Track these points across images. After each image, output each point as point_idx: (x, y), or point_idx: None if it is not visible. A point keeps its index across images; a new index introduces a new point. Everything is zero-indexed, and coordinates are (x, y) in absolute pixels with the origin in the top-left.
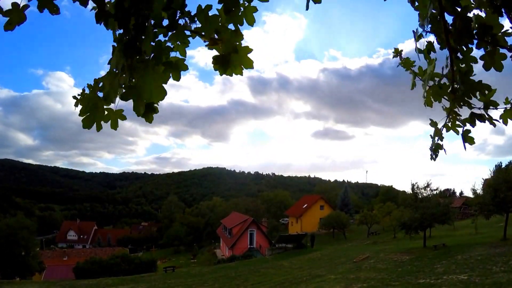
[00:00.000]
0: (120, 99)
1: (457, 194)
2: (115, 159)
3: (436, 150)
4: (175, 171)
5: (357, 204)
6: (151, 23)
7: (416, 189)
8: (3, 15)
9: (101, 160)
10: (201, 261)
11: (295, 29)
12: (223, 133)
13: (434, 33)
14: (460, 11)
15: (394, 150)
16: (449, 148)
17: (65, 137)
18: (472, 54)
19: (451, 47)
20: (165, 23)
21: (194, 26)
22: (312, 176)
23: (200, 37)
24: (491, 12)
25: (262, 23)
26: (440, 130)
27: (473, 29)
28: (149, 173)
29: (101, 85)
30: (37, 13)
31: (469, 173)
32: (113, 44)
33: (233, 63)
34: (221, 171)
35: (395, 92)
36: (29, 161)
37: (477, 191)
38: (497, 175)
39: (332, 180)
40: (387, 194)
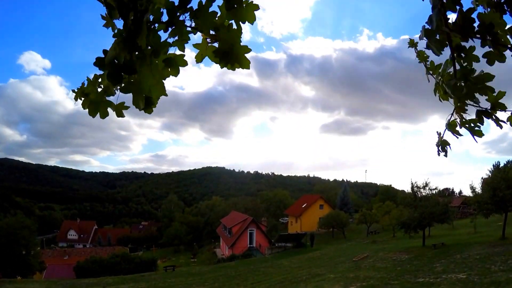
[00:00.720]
0: (120, 92)
1: (456, 193)
2: (109, 157)
3: (444, 146)
4: (172, 169)
5: (356, 203)
6: (149, 18)
7: (415, 188)
8: None
9: (95, 158)
10: (201, 260)
11: (305, 2)
12: (223, 126)
13: (437, 31)
14: (461, 9)
15: (397, 147)
16: (459, 145)
17: (53, 132)
18: (474, 52)
19: (453, 46)
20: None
21: (193, 22)
22: (311, 175)
23: (200, 33)
24: (493, 10)
25: None
26: (453, 126)
27: (474, 27)
28: (149, 173)
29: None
30: None
31: (483, 172)
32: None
33: (229, 60)
34: (221, 170)
35: (415, 80)
36: (21, 159)
37: (476, 190)
38: (495, 174)
39: (331, 179)
40: (386, 193)
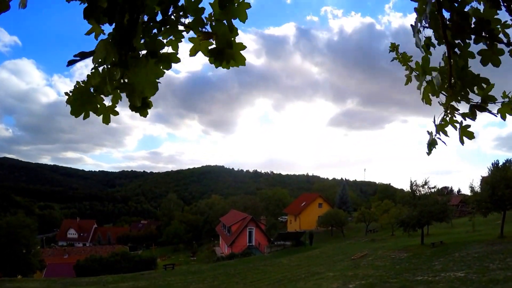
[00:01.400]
0: (119, 91)
1: (455, 191)
2: (103, 155)
3: (431, 145)
4: (169, 166)
5: (355, 202)
6: (144, 19)
7: (414, 186)
8: None
9: (88, 155)
10: (200, 258)
11: None
12: (224, 118)
13: (431, 28)
14: (457, 7)
15: (406, 143)
16: (470, 143)
17: (40, 125)
18: (469, 49)
19: (449, 42)
20: (158, 18)
21: (187, 20)
22: (310, 174)
23: (193, 31)
24: (489, 6)
25: None
26: (441, 124)
27: (470, 24)
28: (148, 171)
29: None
30: None
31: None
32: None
33: (225, 57)
34: (220, 169)
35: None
36: (10, 156)
37: (475, 189)
38: (494, 172)
39: (330, 178)
40: (385, 192)
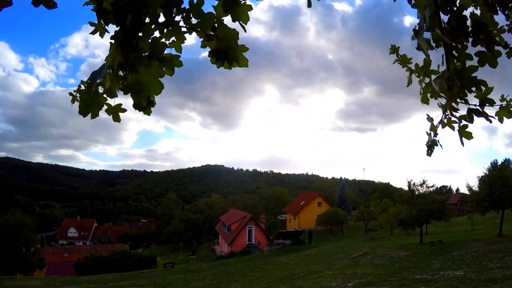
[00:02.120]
0: (124, 93)
1: (454, 191)
2: (99, 153)
3: (431, 146)
4: (166, 164)
5: (354, 201)
6: (148, 20)
7: (412, 186)
8: None
9: (83, 153)
10: (200, 257)
11: None
12: (225, 110)
13: (429, 31)
14: (455, 10)
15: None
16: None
17: (28, 119)
18: (467, 51)
19: (447, 45)
20: (159, 19)
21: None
22: (310, 173)
23: (196, 33)
24: (486, 9)
25: None
26: (435, 126)
27: (468, 27)
28: (148, 171)
29: (100, 81)
30: None
31: None
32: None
33: (228, 59)
34: (220, 168)
35: None
36: (2, 154)
37: (473, 188)
38: (492, 172)
39: (329, 177)
40: (384, 191)
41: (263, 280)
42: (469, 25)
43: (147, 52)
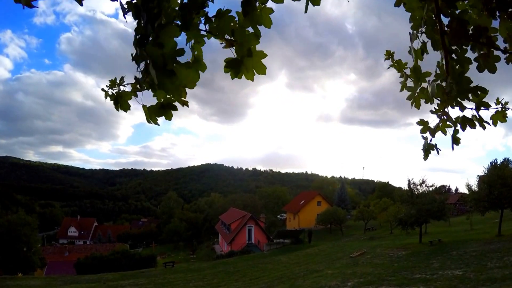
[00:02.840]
0: (152, 92)
1: (453, 190)
2: (92, 150)
3: (428, 150)
4: (165, 162)
5: (354, 200)
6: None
7: (412, 185)
8: None
9: (77, 150)
10: (200, 256)
11: None
12: (228, 101)
13: (427, 34)
14: (456, 13)
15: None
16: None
17: (9, 109)
18: (466, 55)
19: (447, 48)
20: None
21: (207, 26)
22: (309, 172)
23: (214, 37)
24: (486, 15)
25: None
26: (433, 130)
27: (469, 31)
28: (148, 170)
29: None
30: None
31: None
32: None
33: (246, 66)
34: (220, 167)
35: None
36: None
37: (472, 188)
38: (491, 172)
39: (329, 176)
40: (384, 190)
41: (262, 279)
42: (469, 29)
43: (171, 52)
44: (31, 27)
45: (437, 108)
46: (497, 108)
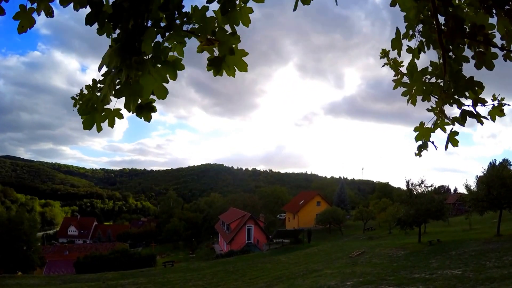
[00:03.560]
0: (114, 97)
1: (452, 190)
2: (85, 147)
3: (421, 147)
4: (163, 160)
5: (353, 200)
6: (149, 24)
7: (410, 185)
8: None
9: (71, 147)
10: (199, 256)
11: None
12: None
13: (424, 34)
14: (452, 12)
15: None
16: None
17: None
18: (464, 53)
19: (444, 47)
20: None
21: (190, 26)
22: (309, 172)
23: (195, 37)
24: (483, 12)
25: None
26: (430, 129)
27: (465, 29)
28: (148, 169)
29: (100, 86)
30: None
31: None
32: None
33: (227, 64)
34: (219, 167)
35: None
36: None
37: (471, 188)
38: (490, 172)
39: (328, 176)
40: (383, 190)
41: (262, 279)
42: (466, 27)
43: (148, 55)
44: None
45: (433, 106)
46: (493, 103)
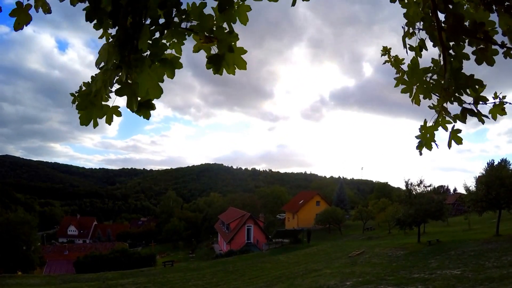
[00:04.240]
0: (115, 95)
1: (451, 190)
2: (76, 145)
3: (421, 146)
4: (161, 159)
5: (352, 200)
6: (148, 21)
7: (410, 185)
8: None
9: (61, 144)
10: (199, 255)
11: None
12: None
13: (425, 31)
14: (452, 9)
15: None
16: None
17: None
18: (464, 50)
19: (444, 44)
20: (160, 21)
21: (189, 24)
22: (308, 172)
23: (194, 34)
24: (483, 9)
25: None
26: (432, 127)
27: (465, 26)
28: (148, 169)
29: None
30: None
31: None
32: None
33: (226, 62)
34: (219, 167)
35: None
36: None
37: (470, 188)
38: (489, 172)
39: (328, 176)
40: (382, 190)
41: (261, 278)
42: (466, 25)
43: (145, 53)
44: None
45: (435, 104)
46: (494, 102)
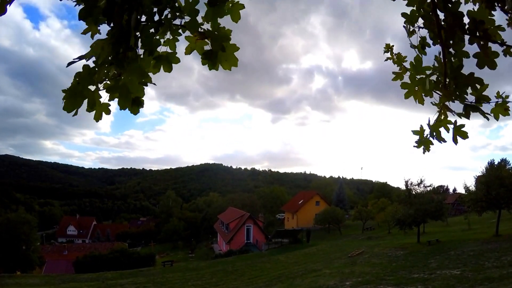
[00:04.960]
0: (105, 92)
1: (451, 190)
2: (67, 142)
3: (422, 144)
4: (160, 157)
5: (352, 200)
6: (141, 19)
7: (409, 185)
8: None
9: (54, 140)
10: (198, 255)
11: None
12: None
13: (427, 29)
14: (450, 7)
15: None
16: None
17: None
18: (464, 49)
19: (444, 42)
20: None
21: (183, 21)
22: (308, 172)
23: (189, 31)
24: (483, 6)
25: None
26: (436, 125)
27: (464, 24)
28: (147, 169)
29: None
30: None
31: None
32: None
33: (219, 59)
34: (218, 167)
35: None
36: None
37: (470, 188)
38: (489, 172)
39: (327, 176)
40: (382, 190)
41: (261, 278)
42: (466, 23)
43: (137, 48)
44: None
45: (437, 102)
46: (497, 101)
